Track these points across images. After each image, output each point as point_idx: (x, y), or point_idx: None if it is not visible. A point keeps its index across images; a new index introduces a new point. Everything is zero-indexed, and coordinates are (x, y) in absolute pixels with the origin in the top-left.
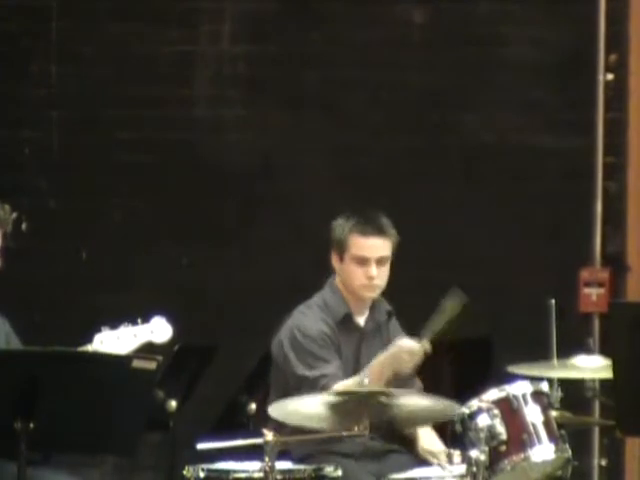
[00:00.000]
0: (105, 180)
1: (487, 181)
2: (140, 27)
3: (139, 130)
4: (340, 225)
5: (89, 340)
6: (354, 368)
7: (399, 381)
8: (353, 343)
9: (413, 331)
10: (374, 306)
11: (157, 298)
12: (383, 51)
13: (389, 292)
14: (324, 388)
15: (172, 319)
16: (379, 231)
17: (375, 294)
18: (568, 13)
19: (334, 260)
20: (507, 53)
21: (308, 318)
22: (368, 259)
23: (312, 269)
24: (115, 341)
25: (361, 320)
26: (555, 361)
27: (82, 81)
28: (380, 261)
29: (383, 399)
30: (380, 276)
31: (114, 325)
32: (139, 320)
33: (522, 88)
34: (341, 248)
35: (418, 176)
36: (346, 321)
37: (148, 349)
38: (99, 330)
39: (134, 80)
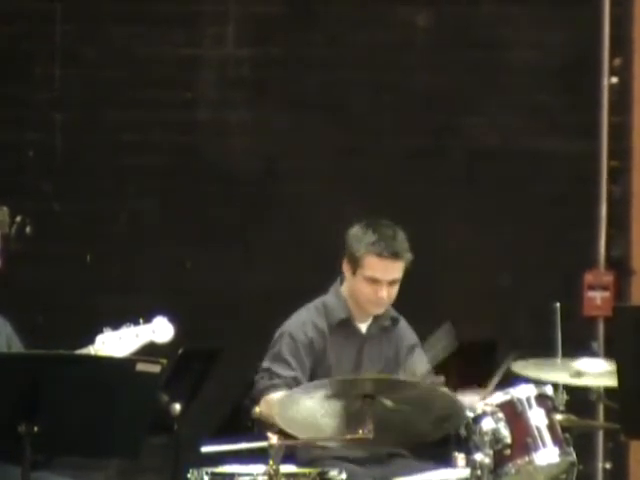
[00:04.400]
0: (109, 183)
1: (491, 184)
2: (144, 30)
3: (143, 133)
4: (357, 239)
5: (91, 341)
6: (354, 372)
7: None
8: (353, 347)
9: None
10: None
11: (161, 301)
12: (386, 54)
13: None
14: (273, 386)
15: (176, 322)
16: (396, 255)
17: (381, 310)
18: (572, 16)
19: (345, 269)
20: (511, 56)
21: (299, 322)
22: (380, 281)
23: (316, 271)
24: (117, 342)
25: (363, 326)
26: (559, 364)
27: (86, 84)
28: (391, 282)
29: (388, 403)
30: (389, 295)
31: (116, 326)
32: (141, 320)
33: (526, 91)
34: (355, 263)
35: (422, 179)
36: (345, 325)
37: (150, 349)
38: (101, 331)
39: (138, 83)
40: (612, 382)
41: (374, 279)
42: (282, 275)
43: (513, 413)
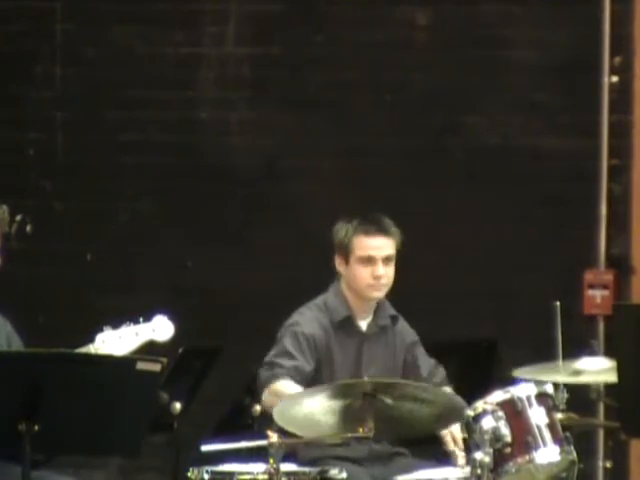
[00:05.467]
0: (109, 182)
1: (491, 183)
2: (144, 29)
3: (143, 132)
4: (342, 228)
5: (91, 340)
6: (355, 370)
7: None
8: (354, 346)
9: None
10: (378, 310)
11: (161, 300)
12: (386, 53)
13: (391, 294)
14: (274, 376)
15: (176, 321)
16: (383, 230)
17: (382, 294)
18: (572, 15)
19: (338, 264)
20: (511, 55)
21: (304, 318)
22: (374, 259)
23: (316, 270)
24: (117, 340)
25: (363, 324)
26: (560, 363)
27: (86, 83)
28: (386, 260)
29: (388, 400)
30: (387, 275)
31: (116, 325)
32: (141, 319)
33: (526, 90)
34: (345, 250)
35: (421, 178)
36: (346, 324)
37: (150, 347)
38: (101, 330)
39: (138, 82)
40: (612, 380)
41: (368, 258)
42: (283, 274)
43: (513, 412)
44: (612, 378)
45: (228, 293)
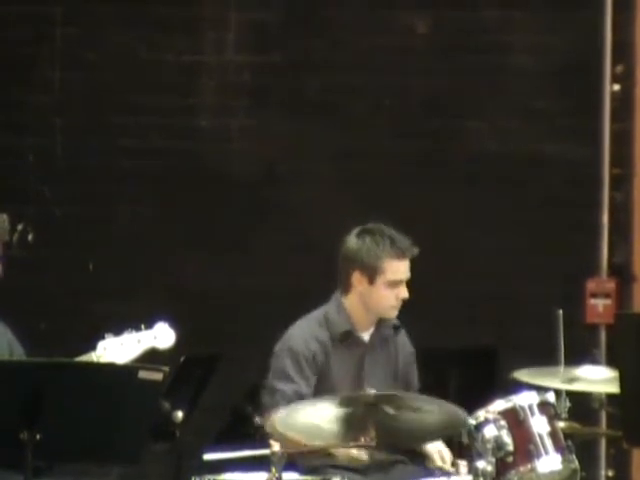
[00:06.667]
0: (109, 187)
1: (491, 189)
2: (145, 35)
3: (143, 138)
4: (368, 249)
5: (93, 347)
6: (356, 381)
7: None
8: (355, 357)
9: (415, 342)
10: (380, 320)
11: (161, 305)
12: (386, 58)
13: None
14: (276, 404)
15: (176, 327)
16: (412, 251)
17: (397, 312)
18: (574, 22)
19: (357, 281)
20: (511, 61)
21: (300, 332)
22: (402, 281)
23: (316, 276)
24: (119, 348)
25: (365, 335)
26: (561, 371)
27: (86, 88)
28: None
29: (390, 410)
30: None
31: (118, 332)
32: (142, 326)
33: (527, 97)
34: (373, 271)
35: (422, 183)
36: (347, 337)
37: (152, 355)
38: (103, 337)
39: (138, 87)
40: (614, 389)
41: (398, 281)
42: (283, 280)
43: (515, 420)
44: (614, 387)
45: (228, 299)
